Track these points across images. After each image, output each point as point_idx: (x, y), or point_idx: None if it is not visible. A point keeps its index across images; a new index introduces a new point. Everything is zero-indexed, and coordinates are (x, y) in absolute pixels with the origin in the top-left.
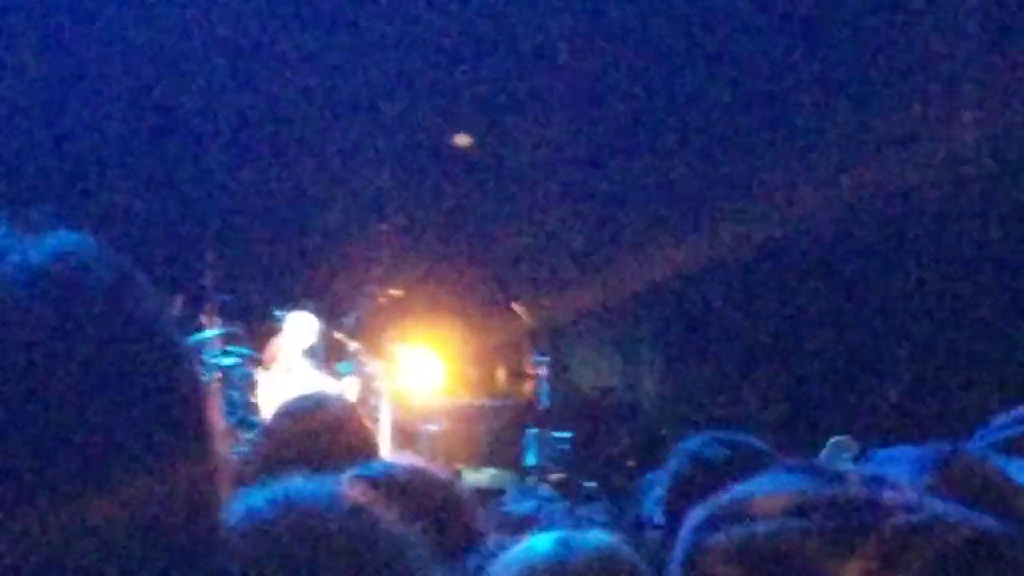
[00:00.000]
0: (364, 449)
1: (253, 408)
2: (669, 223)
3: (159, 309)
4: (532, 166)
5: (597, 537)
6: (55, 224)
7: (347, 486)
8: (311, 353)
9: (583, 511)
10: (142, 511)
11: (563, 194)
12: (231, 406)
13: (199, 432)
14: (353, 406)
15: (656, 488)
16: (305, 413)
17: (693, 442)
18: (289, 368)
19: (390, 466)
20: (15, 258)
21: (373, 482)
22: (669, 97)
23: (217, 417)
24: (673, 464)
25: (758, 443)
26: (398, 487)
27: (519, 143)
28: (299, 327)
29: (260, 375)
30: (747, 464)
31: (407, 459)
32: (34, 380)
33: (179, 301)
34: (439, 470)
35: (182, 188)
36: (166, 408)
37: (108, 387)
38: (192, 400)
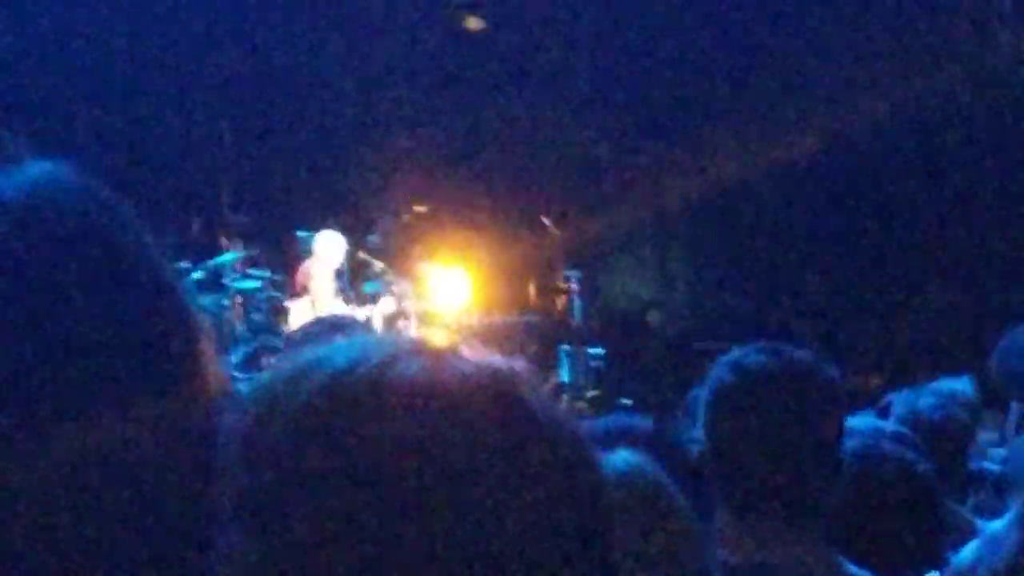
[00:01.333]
0: None
1: (277, 331)
2: (702, 136)
3: (141, 239)
4: (563, 77)
5: (623, 457)
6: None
7: None
8: (337, 275)
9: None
10: (133, 441)
11: (593, 106)
12: (253, 330)
13: (190, 364)
14: (370, 327)
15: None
16: (321, 338)
17: (734, 353)
18: (323, 293)
19: None
20: None
21: None
22: (705, 6)
23: (210, 349)
24: (714, 375)
25: (800, 353)
26: None
27: (551, 54)
28: (328, 248)
29: (292, 303)
30: (788, 373)
31: None
32: (13, 314)
33: (196, 224)
34: None
35: (195, 106)
36: (152, 340)
37: (86, 319)
38: (180, 332)
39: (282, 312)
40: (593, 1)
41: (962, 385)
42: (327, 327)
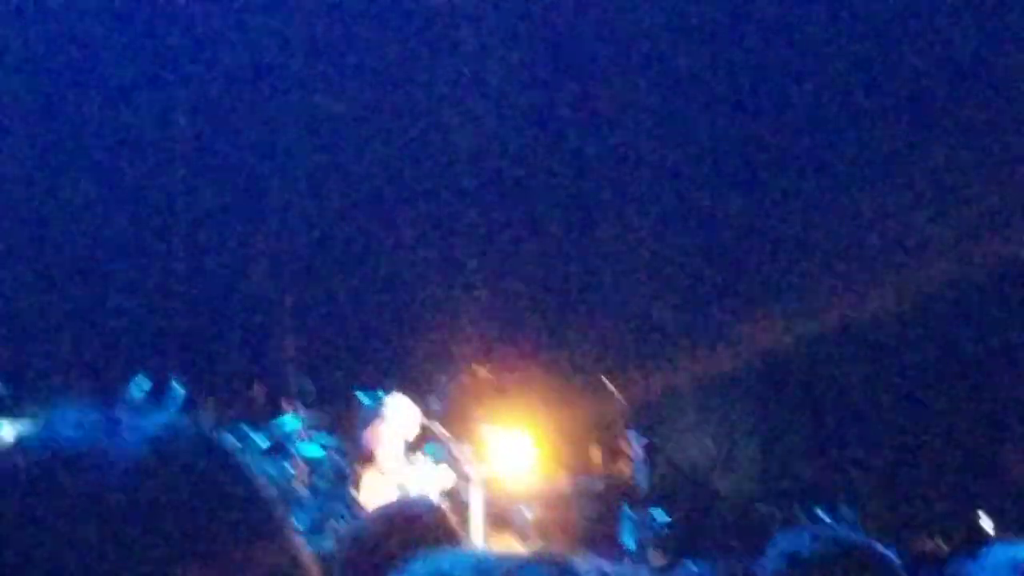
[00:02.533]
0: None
1: (343, 498)
2: (764, 296)
3: (252, 486)
4: (625, 238)
5: None
6: None
7: None
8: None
9: None
10: None
11: (655, 268)
12: (319, 497)
13: None
14: (444, 513)
15: None
16: (395, 521)
17: (787, 540)
18: (391, 460)
19: None
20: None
21: None
22: (764, 167)
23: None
24: (771, 566)
25: (855, 538)
26: None
27: (610, 219)
28: (399, 413)
29: (363, 472)
30: (845, 562)
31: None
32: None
33: (258, 387)
34: None
35: (259, 269)
36: None
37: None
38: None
39: (346, 478)
40: (652, 162)
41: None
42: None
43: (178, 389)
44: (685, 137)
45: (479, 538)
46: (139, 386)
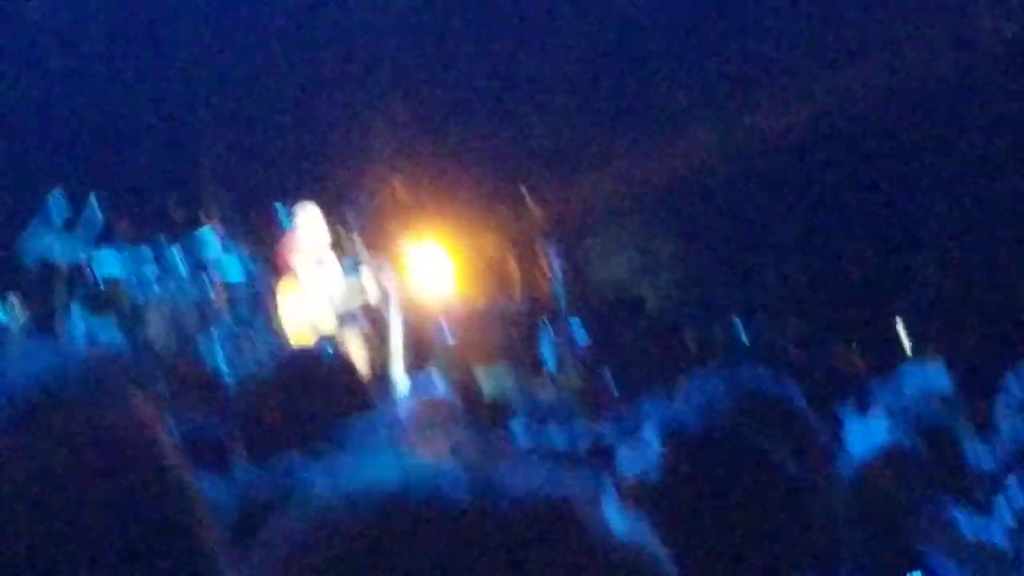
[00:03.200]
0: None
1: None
2: (685, 110)
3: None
4: (544, 49)
5: None
6: None
7: None
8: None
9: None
10: None
11: (577, 80)
12: (236, 320)
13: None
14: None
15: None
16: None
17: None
18: (308, 272)
19: None
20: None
21: None
22: None
23: None
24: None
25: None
26: None
27: (531, 24)
28: (310, 225)
29: (279, 290)
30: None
31: None
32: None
33: (173, 198)
34: None
35: (173, 77)
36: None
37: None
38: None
39: (267, 300)
40: None
41: (937, 377)
42: None
43: (95, 206)
44: None
45: (398, 356)
46: (56, 202)
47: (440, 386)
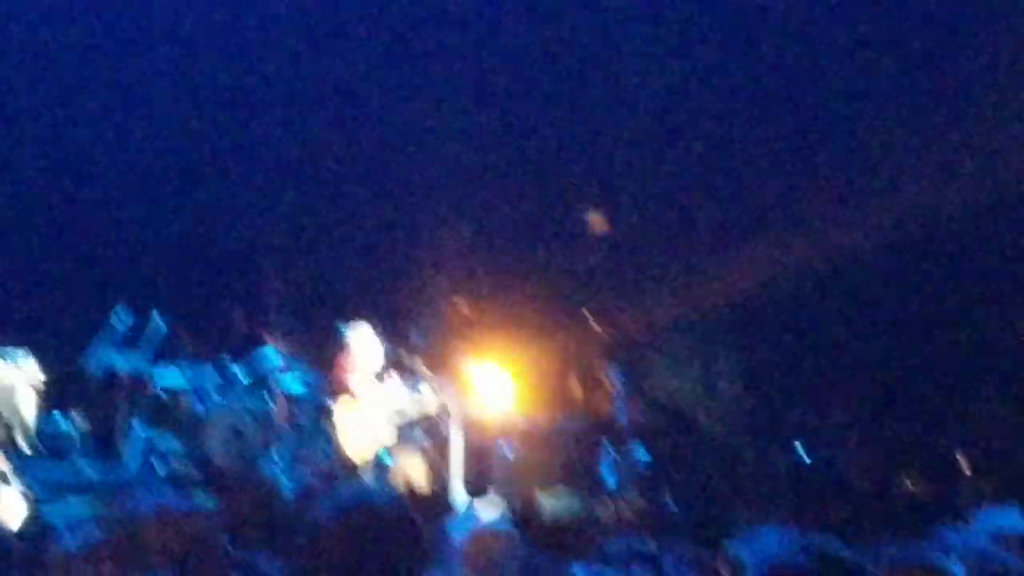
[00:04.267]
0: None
1: (323, 436)
2: (748, 231)
3: None
4: (601, 170)
5: None
6: None
7: None
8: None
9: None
10: None
11: (636, 202)
12: (298, 433)
13: None
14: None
15: None
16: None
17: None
18: (364, 389)
19: None
20: None
21: None
22: (748, 99)
23: None
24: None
25: (838, 549)
26: None
27: (593, 150)
28: (363, 343)
29: (339, 407)
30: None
31: None
32: None
33: (238, 319)
34: None
35: (241, 203)
36: None
37: None
38: None
39: (328, 414)
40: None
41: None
42: None
43: (158, 321)
44: (681, 67)
45: (458, 475)
46: (120, 317)
47: (499, 509)
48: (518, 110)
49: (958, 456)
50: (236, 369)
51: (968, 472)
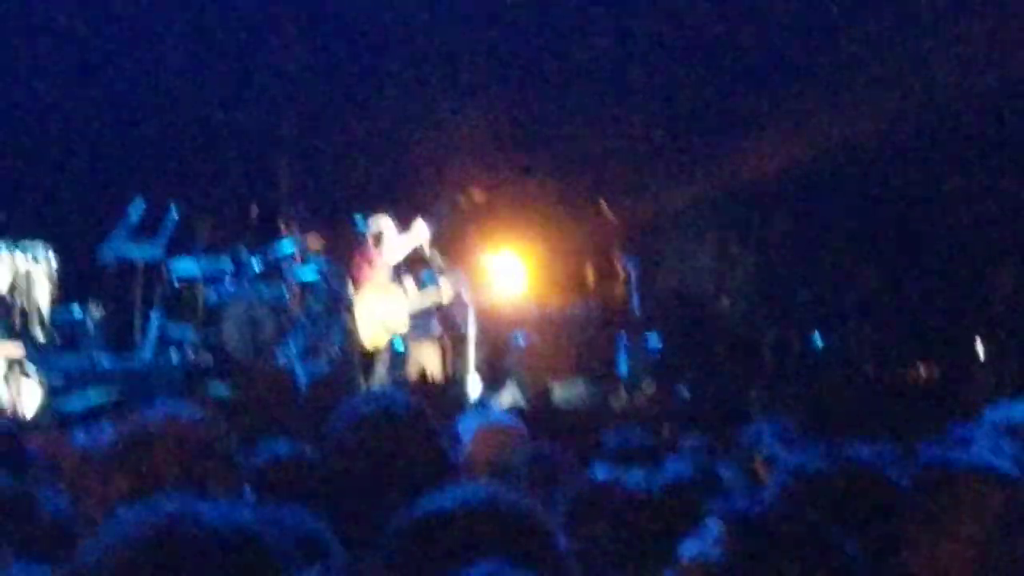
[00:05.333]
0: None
1: (336, 323)
2: (760, 117)
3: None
4: (616, 60)
5: None
6: None
7: None
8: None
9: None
10: None
11: (648, 88)
12: (313, 320)
13: None
14: (423, 413)
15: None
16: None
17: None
18: (382, 280)
19: None
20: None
21: None
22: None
23: None
24: (775, 478)
25: (865, 456)
26: None
27: (608, 38)
28: (383, 231)
29: (355, 296)
30: (849, 481)
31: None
32: None
33: (254, 210)
34: None
35: (253, 93)
36: None
37: None
38: None
39: (341, 302)
40: None
41: None
42: None
43: (173, 212)
44: None
45: (472, 364)
46: (136, 209)
47: (513, 399)
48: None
49: (975, 344)
50: (252, 260)
51: (982, 361)
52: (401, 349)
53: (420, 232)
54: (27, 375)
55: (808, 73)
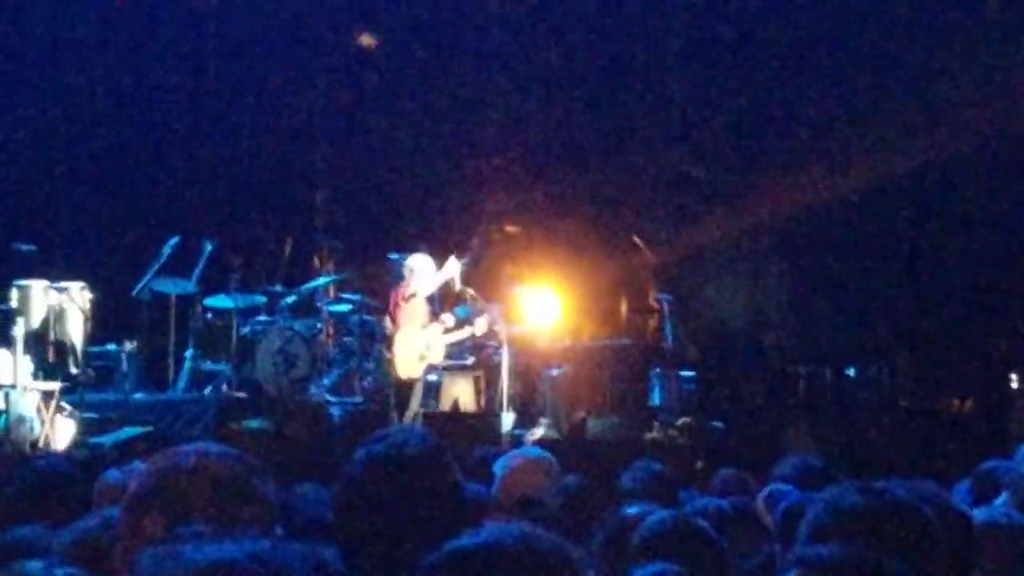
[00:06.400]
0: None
1: (369, 354)
2: (796, 152)
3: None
4: (657, 96)
5: None
6: None
7: None
8: (428, 299)
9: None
10: None
11: (687, 125)
12: (346, 353)
13: None
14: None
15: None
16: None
17: (832, 490)
18: (417, 317)
19: None
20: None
21: None
22: (797, 24)
23: None
24: (810, 513)
25: (900, 494)
26: None
27: (645, 73)
28: (420, 271)
29: (394, 331)
30: (885, 514)
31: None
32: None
33: (289, 247)
34: None
35: (290, 131)
36: None
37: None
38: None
39: (375, 335)
40: (688, 24)
41: None
42: None
43: (207, 247)
44: None
45: (506, 398)
46: (170, 245)
47: (546, 430)
48: (561, 34)
49: (1010, 378)
50: (286, 295)
51: (1018, 394)
52: (436, 382)
53: (451, 267)
54: (61, 409)
55: (841, 109)
